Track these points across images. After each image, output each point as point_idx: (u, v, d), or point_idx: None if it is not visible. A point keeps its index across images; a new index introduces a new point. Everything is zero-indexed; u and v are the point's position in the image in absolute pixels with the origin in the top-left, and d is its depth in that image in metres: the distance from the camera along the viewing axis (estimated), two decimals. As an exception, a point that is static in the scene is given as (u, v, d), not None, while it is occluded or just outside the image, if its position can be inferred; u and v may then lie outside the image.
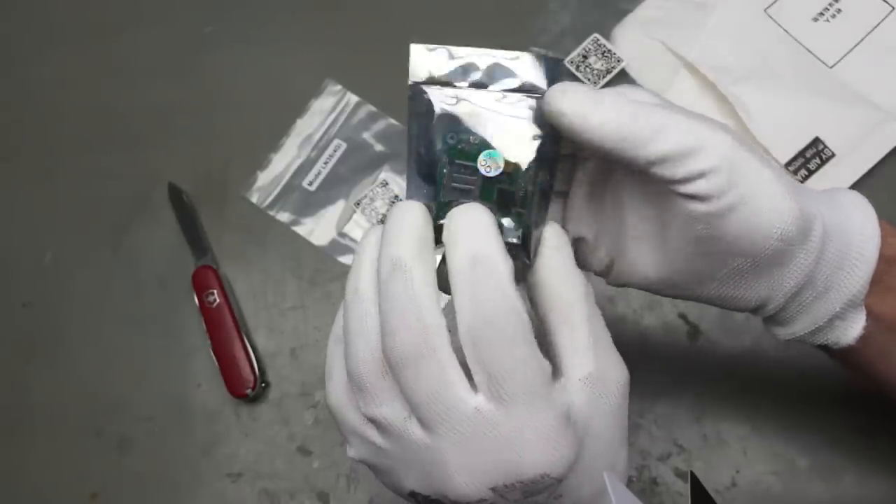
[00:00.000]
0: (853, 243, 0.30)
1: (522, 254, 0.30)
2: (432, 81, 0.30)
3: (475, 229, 0.27)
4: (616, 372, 0.29)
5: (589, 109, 0.27)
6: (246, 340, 0.51)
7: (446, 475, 0.27)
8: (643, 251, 0.32)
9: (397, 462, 0.29)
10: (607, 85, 0.54)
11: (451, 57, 0.30)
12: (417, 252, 0.27)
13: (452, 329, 0.27)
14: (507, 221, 0.30)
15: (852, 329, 0.32)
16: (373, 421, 0.28)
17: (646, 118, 0.27)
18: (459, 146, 0.30)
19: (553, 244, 0.30)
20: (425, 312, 0.26)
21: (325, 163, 0.56)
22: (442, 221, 0.29)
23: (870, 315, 0.31)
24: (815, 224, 0.29)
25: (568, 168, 0.33)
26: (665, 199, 0.29)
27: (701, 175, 0.27)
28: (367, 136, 0.56)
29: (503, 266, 0.27)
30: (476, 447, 0.26)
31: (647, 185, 0.31)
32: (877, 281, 0.31)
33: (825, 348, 0.33)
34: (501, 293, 0.26)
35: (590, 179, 0.33)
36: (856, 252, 0.30)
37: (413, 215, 0.28)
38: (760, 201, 0.28)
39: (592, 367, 0.28)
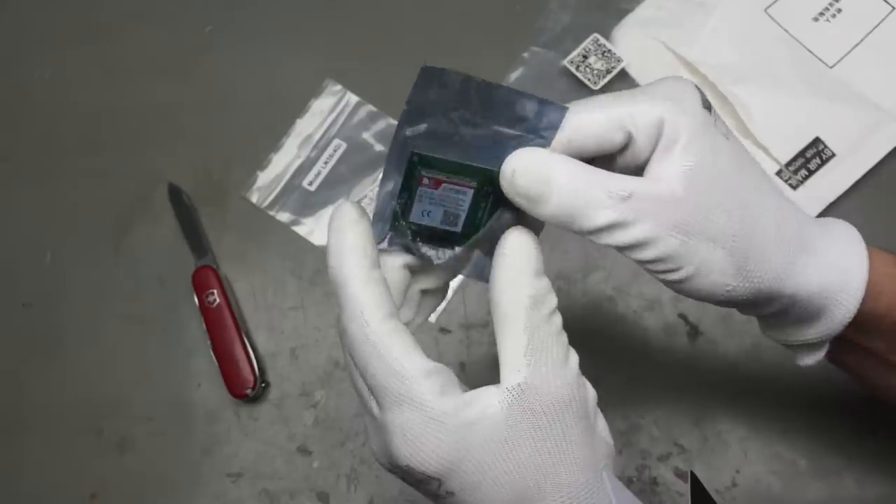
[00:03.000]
0: (829, 304, 0.32)
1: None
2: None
3: (336, 248, 0.29)
4: (551, 386, 0.28)
5: (541, 198, 0.29)
6: (246, 340, 0.51)
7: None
8: None
9: None
10: (607, 85, 0.54)
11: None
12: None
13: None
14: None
15: (809, 358, 0.34)
16: None
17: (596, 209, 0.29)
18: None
19: (503, 251, 0.30)
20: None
21: (325, 163, 0.56)
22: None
23: (849, 340, 0.33)
24: (779, 297, 0.31)
25: None
26: None
27: (652, 262, 0.29)
28: (367, 136, 0.56)
29: (357, 291, 0.28)
30: (377, 441, 0.30)
31: None
32: (859, 326, 0.32)
33: None
34: (356, 323, 0.28)
35: None
36: (828, 314, 0.32)
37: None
38: (708, 282, 0.30)
39: (521, 378, 0.28)
